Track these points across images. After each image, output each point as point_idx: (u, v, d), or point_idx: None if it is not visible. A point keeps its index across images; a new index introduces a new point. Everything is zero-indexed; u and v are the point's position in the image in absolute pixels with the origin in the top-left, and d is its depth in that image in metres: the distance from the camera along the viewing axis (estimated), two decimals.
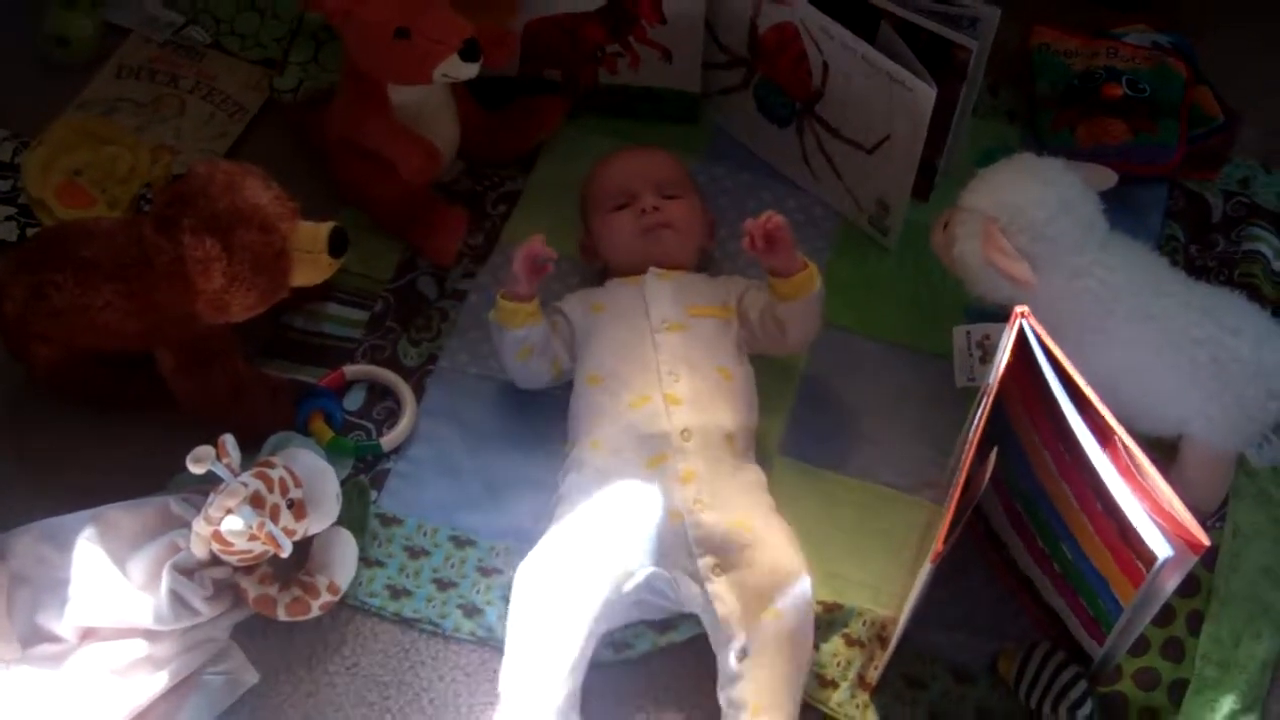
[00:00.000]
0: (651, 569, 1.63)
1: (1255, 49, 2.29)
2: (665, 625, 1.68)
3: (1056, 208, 1.70)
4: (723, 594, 1.60)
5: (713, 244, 1.98)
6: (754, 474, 1.73)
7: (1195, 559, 1.36)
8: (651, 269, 1.85)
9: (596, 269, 1.96)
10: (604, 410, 1.74)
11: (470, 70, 1.84)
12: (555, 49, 2.09)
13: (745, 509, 1.66)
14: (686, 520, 1.63)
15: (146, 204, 2.01)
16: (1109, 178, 1.78)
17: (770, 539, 1.64)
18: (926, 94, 1.79)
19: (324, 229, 1.71)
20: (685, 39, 2.05)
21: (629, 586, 1.62)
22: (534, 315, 1.80)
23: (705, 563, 1.62)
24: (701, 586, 1.61)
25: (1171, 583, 1.40)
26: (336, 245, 1.72)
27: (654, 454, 1.68)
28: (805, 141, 2.03)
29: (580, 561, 1.62)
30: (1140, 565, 1.40)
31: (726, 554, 1.62)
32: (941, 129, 1.93)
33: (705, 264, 1.96)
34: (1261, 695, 1.65)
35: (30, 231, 2.01)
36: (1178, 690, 1.65)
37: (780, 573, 1.61)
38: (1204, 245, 2.04)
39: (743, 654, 1.57)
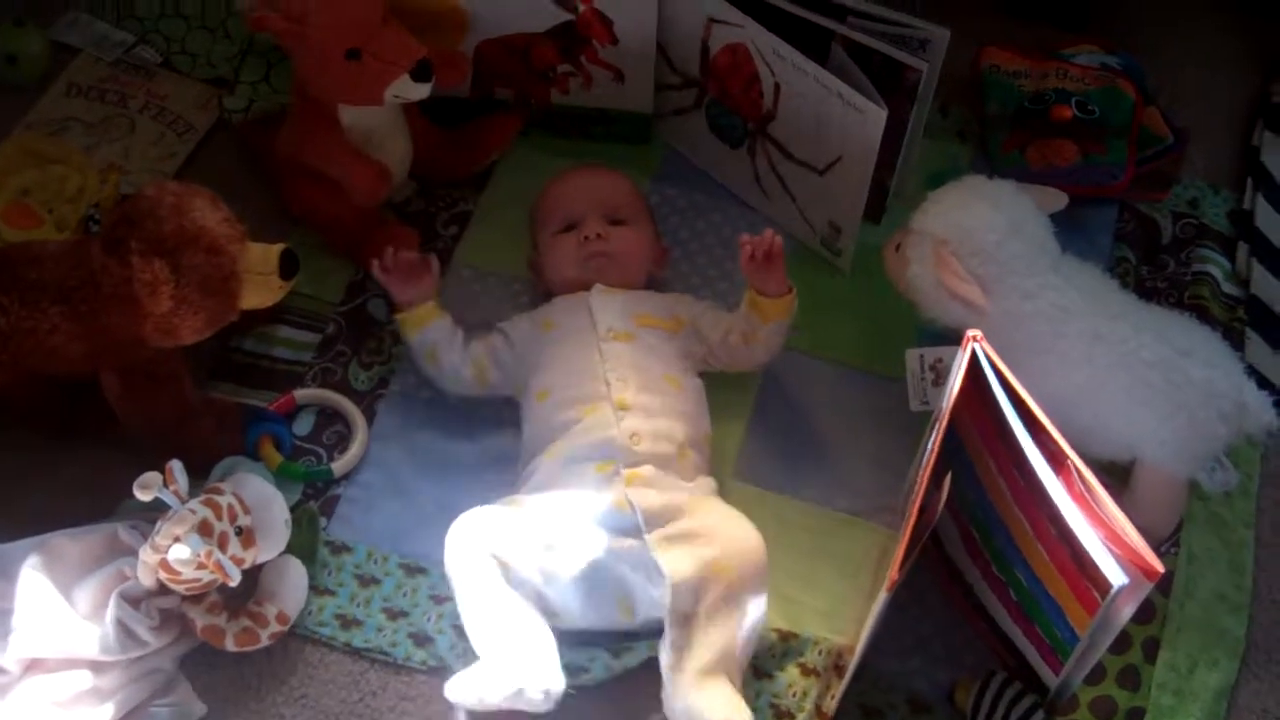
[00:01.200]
0: (601, 549, 1.62)
1: (1201, 69, 2.31)
2: (619, 648, 1.66)
3: (1007, 230, 1.71)
4: (672, 559, 1.60)
5: (662, 273, 1.98)
6: (705, 482, 1.73)
7: (1150, 586, 1.36)
8: (596, 285, 1.85)
9: (542, 290, 1.96)
10: (554, 423, 1.74)
11: (422, 91, 1.83)
12: (507, 69, 2.08)
13: (694, 497, 1.67)
14: (634, 503, 1.63)
15: (95, 224, 1.98)
16: (1059, 200, 1.79)
17: (717, 512, 1.66)
18: (877, 115, 1.79)
19: (274, 251, 1.69)
20: (637, 60, 2.04)
21: (576, 565, 1.62)
22: (428, 318, 1.84)
23: (652, 537, 1.61)
24: (650, 559, 1.61)
25: (1127, 610, 1.40)
26: (287, 267, 1.70)
27: (604, 459, 1.68)
28: (757, 163, 2.03)
29: (524, 527, 1.64)
30: (1095, 593, 1.41)
31: (673, 525, 1.62)
32: (893, 150, 1.94)
33: (653, 287, 1.95)
34: None
35: None
36: (1135, 719, 1.65)
37: (730, 540, 1.62)
38: (1154, 267, 2.05)
39: (689, 619, 1.57)
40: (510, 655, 1.55)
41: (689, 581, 1.59)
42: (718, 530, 1.63)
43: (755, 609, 1.61)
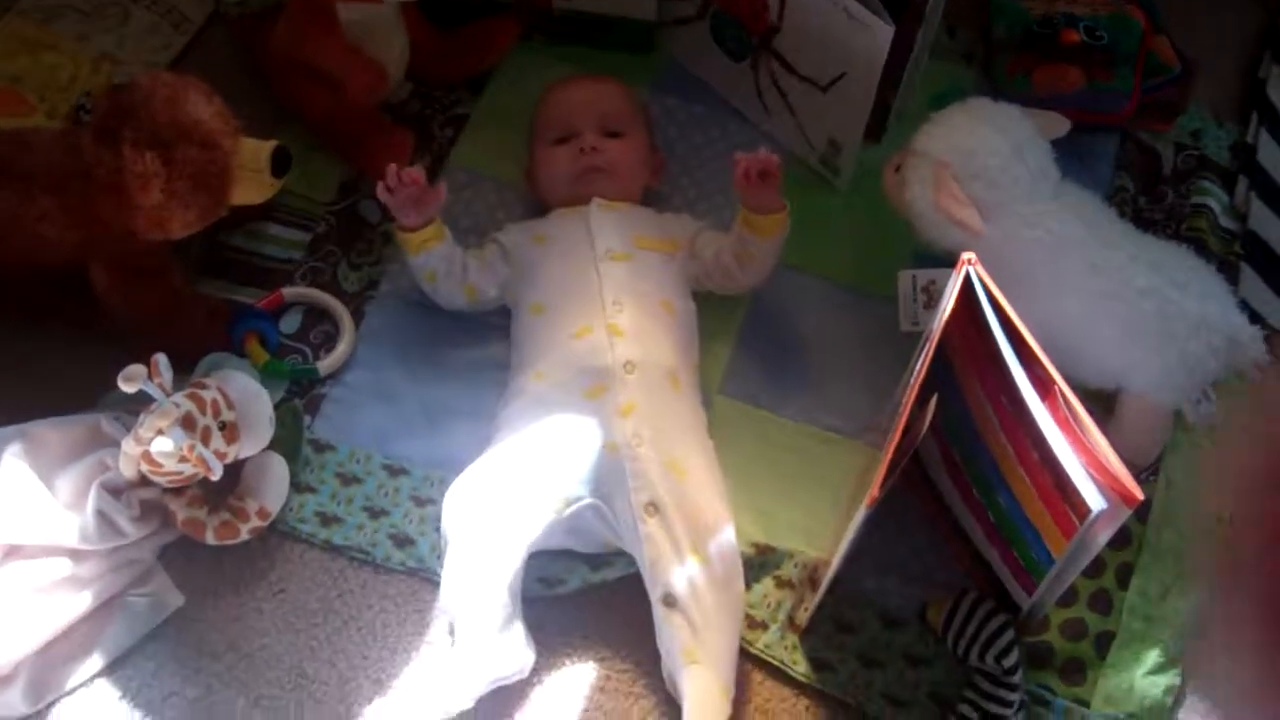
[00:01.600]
0: (589, 500, 1.62)
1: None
2: (598, 562, 1.67)
3: (1010, 155, 1.70)
4: (653, 534, 1.59)
5: (658, 184, 1.96)
6: (695, 414, 1.73)
7: (1129, 512, 1.36)
8: (595, 199, 1.83)
9: (537, 199, 1.94)
10: (546, 341, 1.73)
11: None
12: None
13: (683, 447, 1.66)
14: (624, 453, 1.62)
15: (86, 114, 1.96)
16: (1063, 125, 1.78)
17: (703, 484, 1.64)
18: (884, 32, 1.77)
19: (266, 147, 1.68)
20: None
21: (565, 513, 1.61)
22: (430, 241, 1.78)
23: (639, 499, 1.61)
24: (634, 523, 1.60)
25: (1104, 535, 1.41)
26: (279, 164, 1.69)
27: (595, 385, 1.67)
28: (760, 77, 2.01)
29: (514, 484, 1.62)
30: (1074, 517, 1.41)
31: (659, 491, 1.61)
32: (897, 69, 1.92)
33: (651, 201, 1.94)
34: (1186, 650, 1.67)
35: None
36: (1104, 642, 1.66)
37: (706, 520, 1.61)
38: (1153, 198, 2.03)
39: (670, 600, 1.57)
40: (487, 649, 1.55)
41: (665, 558, 1.58)
42: (697, 507, 1.61)
43: (735, 596, 1.60)
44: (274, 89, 1.97)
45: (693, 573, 1.58)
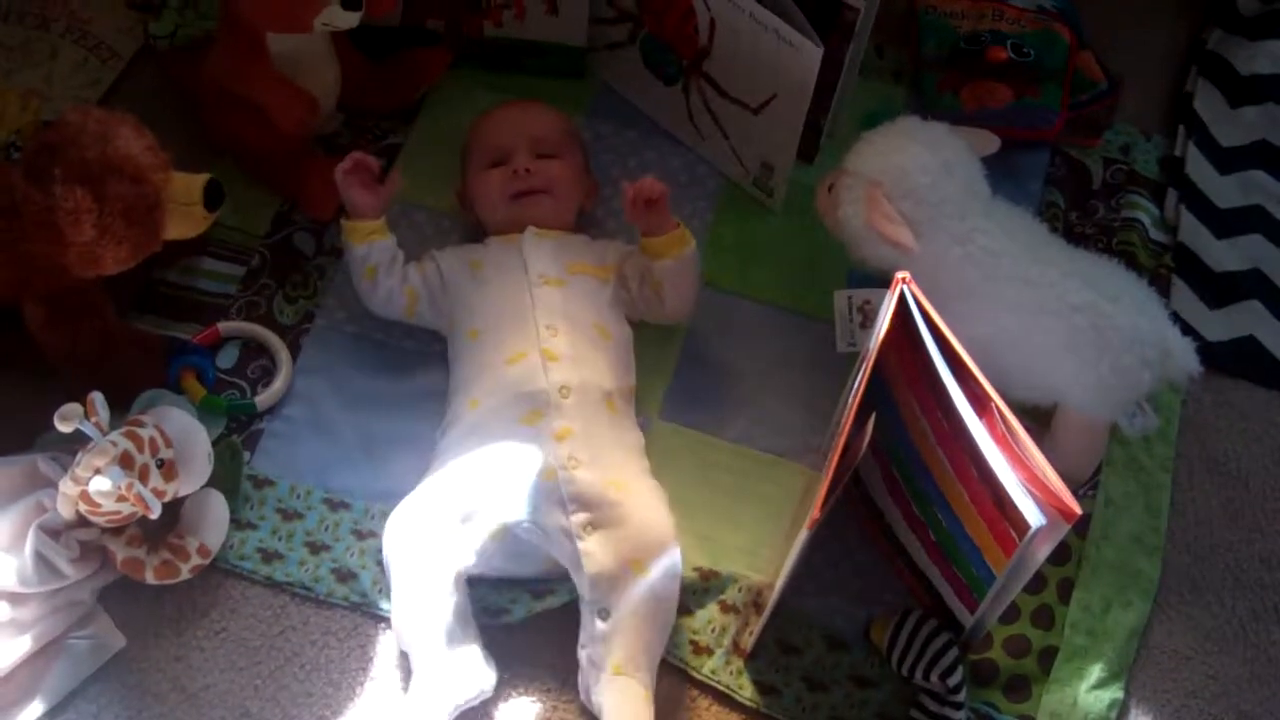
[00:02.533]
0: (526, 522, 1.62)
1: (1137, 14, 2.32)
2: (542, 590, 1.67)
3: (940, 172, 1.71)
4: (593, 551, 1.60)
5: (590, 207, 1.96)
6: (632, 435, 1.73)
7: (1068, 527, 1.37)
8: (530, 227, 1.83)
9: (471, 222, 1.94)
10: (481, 366, 1.73)
11: (351, 20, 1.80)
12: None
13: (619, 468, 1.66)
14: (560, 476, 1.62)
15: (15, 152, 1.95)
16: (992, 142, 1.79)
17: (643, 500, 1.65)
18: (813, 53, 1.78)
19: (199, 181, 1.67)
20: None
21: (504, 537, 1.61)
22: (376, 235, 1.81)
23: (578, 519, 1.61)
24: (573, 543, 1.60)
25: (1043, 551, 1.42)
26: (212, 198, 1.68)
27: (530, 410, 1.67)
28: (691, 100, 2.02)
29: (450, 510, 1.62)
30: (1013, 534, 1.42)
31: (598, 511, 1.61)
32: (827, 90, 1.93)
33: (585, 224, 1.94)
34: (1128, 664, 1.68)
35: None
36: (1047, 657, 1.68)
37: (650, 535, 1.62)
38: (1084, 212, 2.06)
39: (605, 614, 1.57)
40: (443, 674, 1.55)
41: (606, 574, 1.59)
42: (639, 524, 1.62)
43: (668, 610, 1.62)
44: (205, 122, 1.96)
45: (631, 588, 1.58)
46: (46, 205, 1.59)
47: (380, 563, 1.65)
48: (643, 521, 1.62)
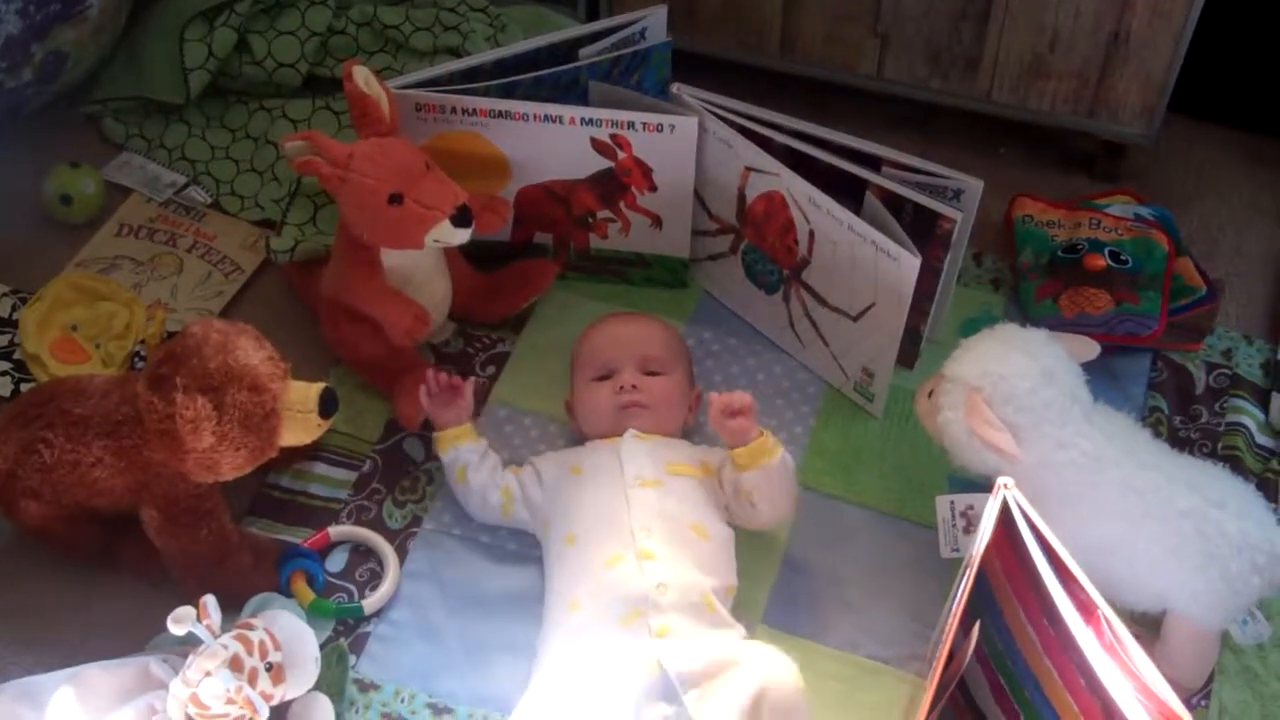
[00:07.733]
0: None
1: (1235, 221, 2.34)
2: None
3: (1040, 379, 1.71)
4: (711, 714, 1.57)
5: (693, 420, 1.98)
6: (733, 632, 1.70)
7: None
8: (630, 430, 1.86)
9: (576, 430, 1.97)
10: (578, 570, 1.73)
11: (462, 236, 1.87)
12: (547, 215, 2.12)
13: (726, 655, 1.63)
14: (667, 667, 1.61)
15: (140, 361, 2.02)
16: (1092, 349, 1.79)
17: (753, 652, 1.63)
18: (911, 263, 1.81)
19: (315, 389, 1.71)
20: (675, 206, 2.08)
21: None
22: (462, 438, 1.88)
23: (691, 699, 1.59)
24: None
25: None
26: (327, 406, 1.72)
27: (630, 611, 1.67)
28: (792, 308, 2.06)
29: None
30: None
31: (710, 679, 1.59)
32: (926, 297, 1.96)
33: (687, 435, 1.96)
34: None
35: (24, 387, 2.02)
36: None
37: (769, 677, 1.58)
38: (1188, 417, 2.05)
39: None
40: None
41: None
42: (753, 671, 1.59)
43: None
44: (322, 331, 2.03)
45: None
46: (168, 413, 1.63)
47: None
48: (754, 669, 1.59)
